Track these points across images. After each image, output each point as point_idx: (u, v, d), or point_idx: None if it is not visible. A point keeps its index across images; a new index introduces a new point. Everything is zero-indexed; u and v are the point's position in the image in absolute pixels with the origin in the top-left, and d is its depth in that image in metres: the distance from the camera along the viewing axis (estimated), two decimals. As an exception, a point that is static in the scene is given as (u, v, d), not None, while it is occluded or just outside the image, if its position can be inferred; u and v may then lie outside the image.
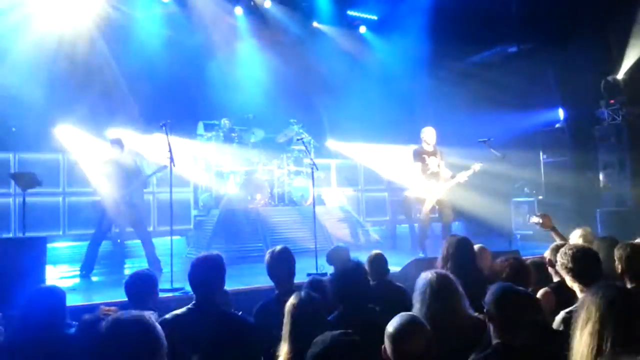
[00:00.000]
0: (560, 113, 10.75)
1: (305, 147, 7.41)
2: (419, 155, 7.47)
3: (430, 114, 11.88)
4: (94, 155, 7.64)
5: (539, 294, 3.24)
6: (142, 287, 3.22)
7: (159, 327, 1.91)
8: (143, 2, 10.18)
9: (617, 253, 3.22)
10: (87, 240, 7.10)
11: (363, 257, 3.96)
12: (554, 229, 4.37)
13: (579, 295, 2.84)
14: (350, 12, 12.31)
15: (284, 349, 2.46)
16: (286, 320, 2.48)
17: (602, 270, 3.05)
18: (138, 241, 7.28)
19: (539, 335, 2.51)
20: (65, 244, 8.35)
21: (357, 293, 3.03)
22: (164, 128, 5.77)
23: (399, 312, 2.25)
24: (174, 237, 6.32)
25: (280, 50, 11.36)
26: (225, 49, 11.02)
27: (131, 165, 7.25)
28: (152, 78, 9.68)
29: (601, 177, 8.82)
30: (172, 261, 5.64)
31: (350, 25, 12.44)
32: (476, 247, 4.15)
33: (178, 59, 10.06)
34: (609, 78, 8.99)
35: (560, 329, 2.74)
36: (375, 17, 12.47)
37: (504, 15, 10.74)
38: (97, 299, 5.20)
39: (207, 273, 2.83)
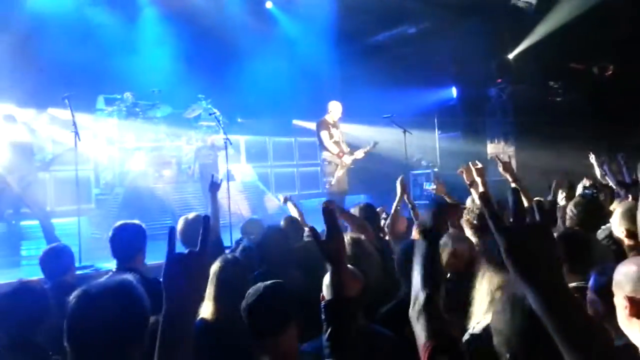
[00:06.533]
0: (454, 91, 11.59)
1: (218, 122, 7.34)
2: (324, 125, 7.70)
3: (336, 90, 12.23)
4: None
5: None
6: (60, 261, 3.15)
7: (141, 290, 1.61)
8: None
9: None
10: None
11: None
12: (447, 194, 4.82)
13: None
14: (256, -14, 12.19)
15: (208, 309, 2.57)
16: (211, 281, 2.59)
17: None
18: (34, 222, 6.89)
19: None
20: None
21: (278, 256, 3.22)
22: (66, 101, 5.49)
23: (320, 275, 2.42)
24: (74, 218, 6.09)
25: (184, 21, 11.02)
26: (125, 17, 10.50)
27: (26, 143, 6.79)
28: (45, 48, 9.00)
29: (488, 149, 9.72)
30: (80, 240, 5.44)
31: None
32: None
33: (72, 27, 9.42)
34: (502, 57, 9.84)
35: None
36: (281, -7, 12.46)
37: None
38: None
39: (129, 239, 2.85)
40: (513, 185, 4.19)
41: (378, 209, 4.50)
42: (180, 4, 11.11)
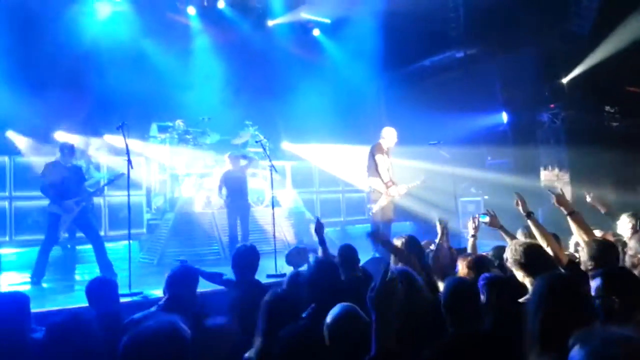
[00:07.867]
0: (504, 116, 11.29)
1: (264, 149, 7.41)
2: (380, 149, 7.47)
3: (382, 116, 12.22)
4: (43, 159, 7.39)
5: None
6: (104, 291, 3.22)
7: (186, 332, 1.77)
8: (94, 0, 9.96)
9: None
10: (35, 246, 6.86)
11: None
12: (501, 227, 4.57)
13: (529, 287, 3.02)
14: (304, 15, 12.45)
15: (257, 343, 2.55)
16: (262, 315, 2.57)
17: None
18: (89, 246, 7.10)
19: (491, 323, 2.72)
20: (12, 250, 8.01)
21: (327, 291, 3.13)
22: (120, 130, 5.68)
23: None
24: (127, 242, 6.24)
25: (234, 51, 11.38)
26: (178, 48, 10.93)
27: (81, 169, 7.10)
28: (103, 78, 9.48)
29: (541, 176, 9.35)
30: (130, 265, 5.56)
31: (304, 27, 12.61)
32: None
33: (129, 59, 9.88)
34: (555, 82, 9.54)
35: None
36: (328, 21, 12.68)
37: (452, 21, 11.19)
38: (49, 306, 5.08)
39: (185, 282, 2.95)
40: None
41: (423, 243, 4.34)
42: (229, 33, 11.48)
